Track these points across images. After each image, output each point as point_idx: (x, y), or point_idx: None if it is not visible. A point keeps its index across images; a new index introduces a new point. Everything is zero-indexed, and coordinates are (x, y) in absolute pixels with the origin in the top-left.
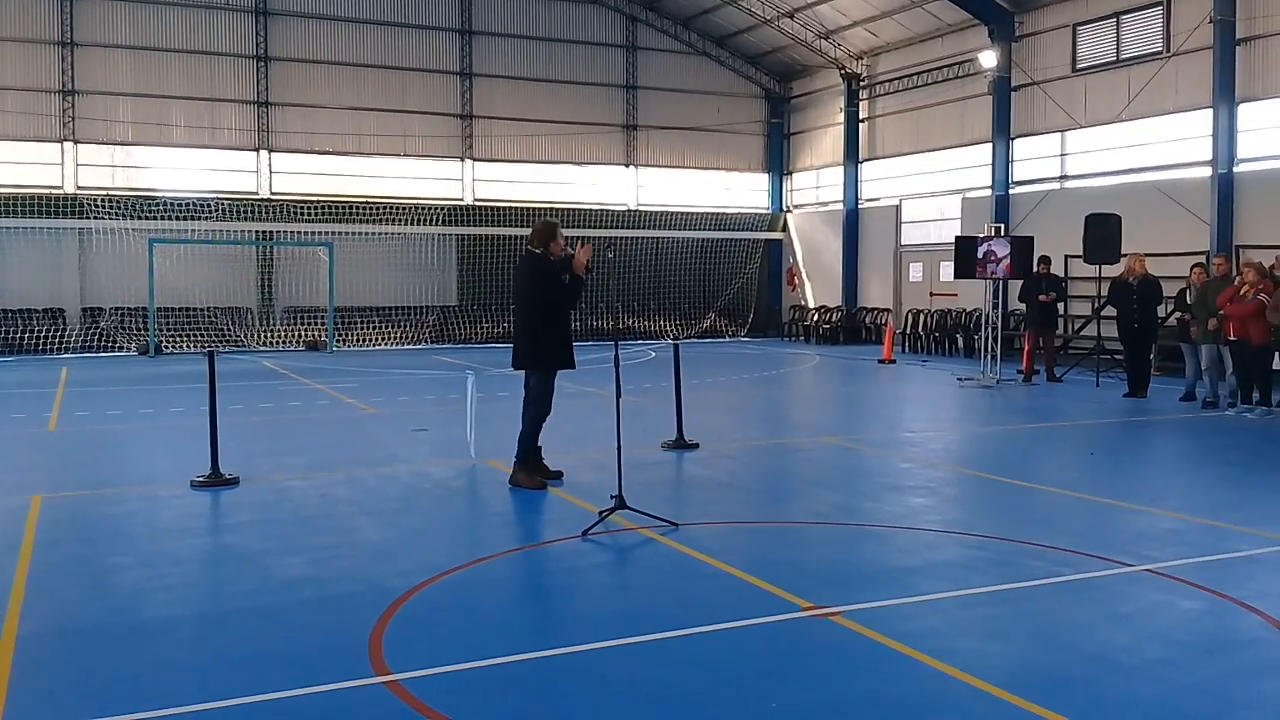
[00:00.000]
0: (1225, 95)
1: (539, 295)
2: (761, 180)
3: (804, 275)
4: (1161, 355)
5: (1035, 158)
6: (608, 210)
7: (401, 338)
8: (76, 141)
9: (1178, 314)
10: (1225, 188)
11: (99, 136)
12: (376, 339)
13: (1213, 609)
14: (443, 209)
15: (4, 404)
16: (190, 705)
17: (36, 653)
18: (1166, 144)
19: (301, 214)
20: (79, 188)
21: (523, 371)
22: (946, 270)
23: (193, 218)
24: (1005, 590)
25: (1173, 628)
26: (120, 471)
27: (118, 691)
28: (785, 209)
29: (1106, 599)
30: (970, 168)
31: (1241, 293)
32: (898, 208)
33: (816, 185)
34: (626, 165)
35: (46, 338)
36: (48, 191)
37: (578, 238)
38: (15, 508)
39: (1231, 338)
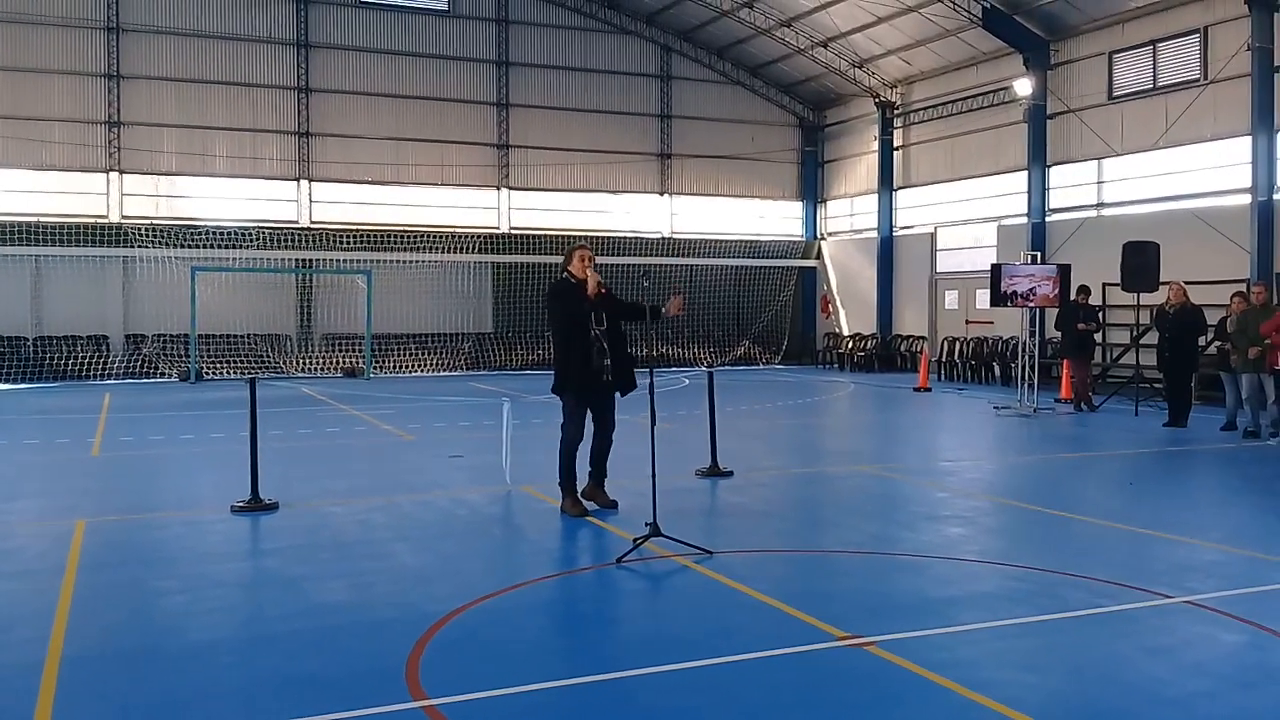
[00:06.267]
0: (1264, 122)
1: (554, 318)
2: (795, 208)
3: (838, 303)
4: (1202, 384)
5: (1071, 185)
6: (642, 238)
7: (438, 365)
8: (122, 172)
9: (1218, 343)
10: (1265, 215)
11: (143, 167)
12: (413, 366)
13: (1254, 641)
14: (479, 237)
15: (49, 429)
16: None
17: (81, 676)
18: (1205, 171)
19: (340, 243)
20: (124, 217)
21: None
22: (982, 298)
23: (234, 246)
24: (1042, 621)
25: (1212, 660)
26: (162, 496)
27: (161, 714)
28: (819, 237)
29: (1145, 631)
30: (1006, 195)
31: None
32: (933, 235)
33: (851, 213)
34: (661, 194)
35: (90, 364)
36: (93, 221)
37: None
38: (60, 532)
39: (1278, 367)
